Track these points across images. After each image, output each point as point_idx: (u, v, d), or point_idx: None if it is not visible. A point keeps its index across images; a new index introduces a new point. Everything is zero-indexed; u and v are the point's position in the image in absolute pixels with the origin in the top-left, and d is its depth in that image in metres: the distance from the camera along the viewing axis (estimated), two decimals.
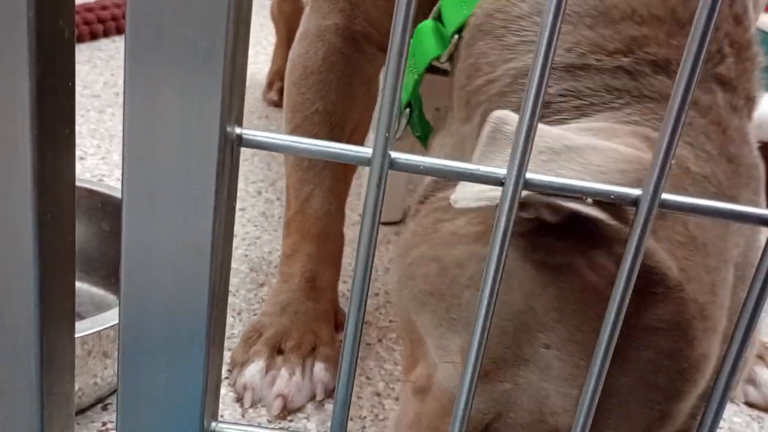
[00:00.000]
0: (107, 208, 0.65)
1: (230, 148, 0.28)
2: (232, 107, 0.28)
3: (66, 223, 0.32)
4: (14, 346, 0.33)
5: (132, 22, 0.25)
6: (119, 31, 1.52)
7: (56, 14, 0.27)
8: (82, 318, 0.57)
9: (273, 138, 0.28)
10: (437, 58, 0.46)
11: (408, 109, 0.51)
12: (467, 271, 0.38)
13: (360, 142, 0.67)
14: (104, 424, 0.55)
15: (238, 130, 0.28)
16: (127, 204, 0.29)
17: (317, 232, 0.65)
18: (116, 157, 1.00)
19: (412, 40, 0.50)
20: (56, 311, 0.34)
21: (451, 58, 0.47)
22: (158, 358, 0.32)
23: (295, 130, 0.63)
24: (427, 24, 0.48)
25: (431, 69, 0.67)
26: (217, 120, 0.27)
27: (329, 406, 0.61)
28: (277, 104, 1.28)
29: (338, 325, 0.68)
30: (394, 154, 0.28)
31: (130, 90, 0.27)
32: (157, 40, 0.26)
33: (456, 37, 0.45)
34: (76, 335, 0.37)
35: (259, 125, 1.22)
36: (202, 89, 0.26)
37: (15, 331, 0.33)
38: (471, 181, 0.28)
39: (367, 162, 0.28)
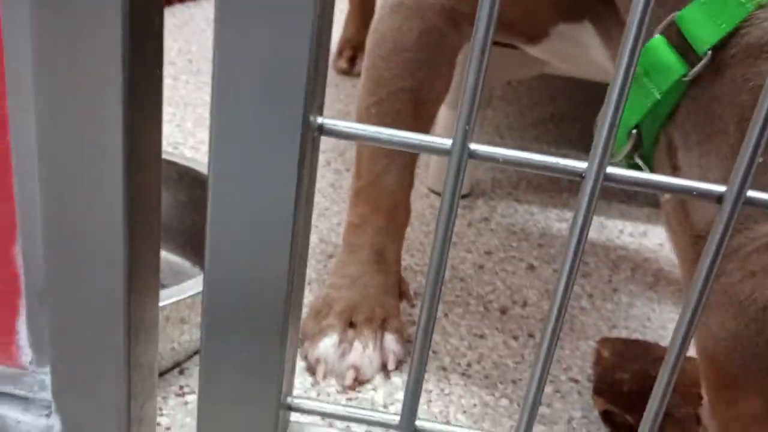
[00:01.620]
0: (184, 179, 0.66)
1: (311, 137, 0.29)
2: (315, 97, 0.28)
3: (153, 202, 0.34)
4: (103, 319, 0.34)
5: (219, 34, 0.26)
6: None
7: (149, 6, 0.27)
8: (161, 285, 0.59)
9: (353, 128, 0.29)
10: (683, 77, 0.45)
11: (635, 131, 0.49)
12: None
13: (435, 115, 0.67)
14: (181, 387, 0.57)
15: (320, 120, 0.28)
16: (213, 186, 0.30)
17: (389, 205, 0.65)
18: (190, 124, 1.02)
19: (639, 60, 0.48)
20: (142, 284, 0.35)
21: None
22: (238, 336, 0.34)
23: (377, 104, 0.62)
24: (659, 41, 0.46)
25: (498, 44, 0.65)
26: (301, 110, 0.27)
27: (395, 379, 0.62)
28: (346, 72, 1.28)
29: (401, 295, 0.69)
30: (473, 146, 0.28)
31: (218, 81, 0.27)
32: (244, 42, 0.27)
33: (709, 53, 0.44)
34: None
35: (328, 93, 1.23)
36: (286, 81, 0.27)
37: (104, 305, 0.34)
38: (553, 174, 0.28)
39: (446, 152, 0.28)
